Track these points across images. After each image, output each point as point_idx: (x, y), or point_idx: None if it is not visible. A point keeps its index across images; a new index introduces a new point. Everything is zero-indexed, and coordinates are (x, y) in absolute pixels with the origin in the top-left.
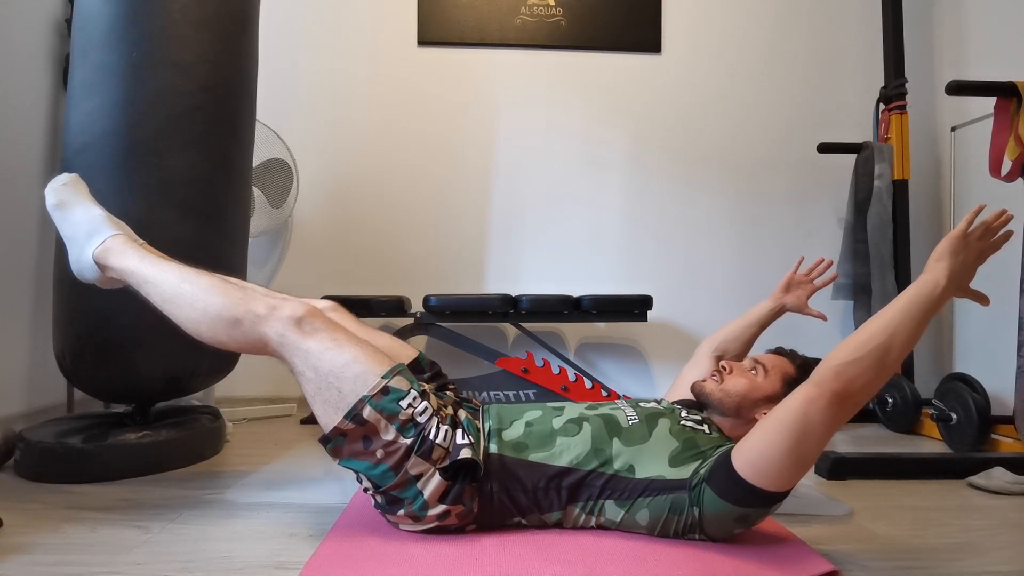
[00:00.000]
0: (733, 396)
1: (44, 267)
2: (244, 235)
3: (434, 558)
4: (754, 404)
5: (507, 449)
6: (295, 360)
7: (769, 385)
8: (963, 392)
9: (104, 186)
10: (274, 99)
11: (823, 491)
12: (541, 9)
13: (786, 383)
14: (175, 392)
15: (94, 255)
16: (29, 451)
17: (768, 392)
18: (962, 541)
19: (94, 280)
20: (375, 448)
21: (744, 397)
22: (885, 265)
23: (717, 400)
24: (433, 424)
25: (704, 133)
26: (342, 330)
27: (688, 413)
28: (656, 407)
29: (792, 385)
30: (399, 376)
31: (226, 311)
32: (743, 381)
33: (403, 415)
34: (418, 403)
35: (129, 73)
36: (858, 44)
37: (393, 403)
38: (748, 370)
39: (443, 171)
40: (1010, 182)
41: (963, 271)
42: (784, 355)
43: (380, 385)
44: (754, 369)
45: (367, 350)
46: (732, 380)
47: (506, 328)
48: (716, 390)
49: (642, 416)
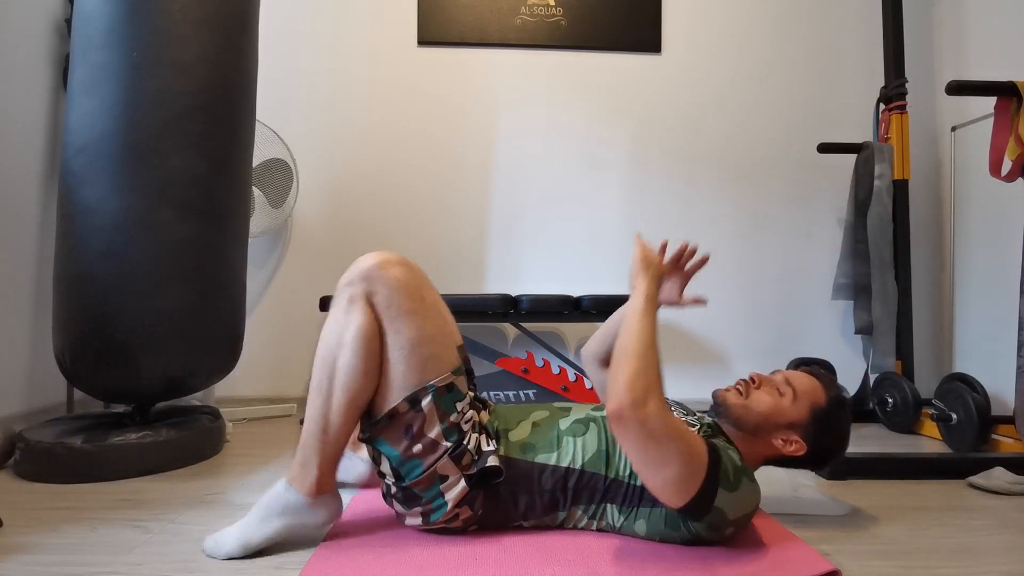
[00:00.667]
0: (754, 414)
1: (44, 267)
2: (244, 235)
3: (434, 558)
4: (774, 427)
5: (514, 450)
6: (386, 311)
7: (795, 412)
8: (963, 392)
9: (104, 186)
10: (274, 99)
11: (823, 491)
12: (541, 9)
13: (813, 413)
14: (175, 392)
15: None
16: (29, 451)
17: (792, 419)
18: (962, 541)
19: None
20: (414, 442)
21: (765, 418)
22: (885, 265)
23: (736, 415)
24: (470, 432)
25: (704, 133)
26: (426, 280)
27: (683, 411)
28: None
29: (820, 418)
30: (463, 377)
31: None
32: (768, 401)
33: (453, 417)
34: (467, 410)
35: (129, 73)
36: (858, 44)
37: (451, 403)
38: (777, 389)
39: (443, 171)
40: (1010, 182)
41: (656, 286)
42: (821, 381)
43: (448, 380)
44: (783, 390)
45: (444, 328)
46: (757, 397)
47: (506, 328)
48: (738, 404)
49: None
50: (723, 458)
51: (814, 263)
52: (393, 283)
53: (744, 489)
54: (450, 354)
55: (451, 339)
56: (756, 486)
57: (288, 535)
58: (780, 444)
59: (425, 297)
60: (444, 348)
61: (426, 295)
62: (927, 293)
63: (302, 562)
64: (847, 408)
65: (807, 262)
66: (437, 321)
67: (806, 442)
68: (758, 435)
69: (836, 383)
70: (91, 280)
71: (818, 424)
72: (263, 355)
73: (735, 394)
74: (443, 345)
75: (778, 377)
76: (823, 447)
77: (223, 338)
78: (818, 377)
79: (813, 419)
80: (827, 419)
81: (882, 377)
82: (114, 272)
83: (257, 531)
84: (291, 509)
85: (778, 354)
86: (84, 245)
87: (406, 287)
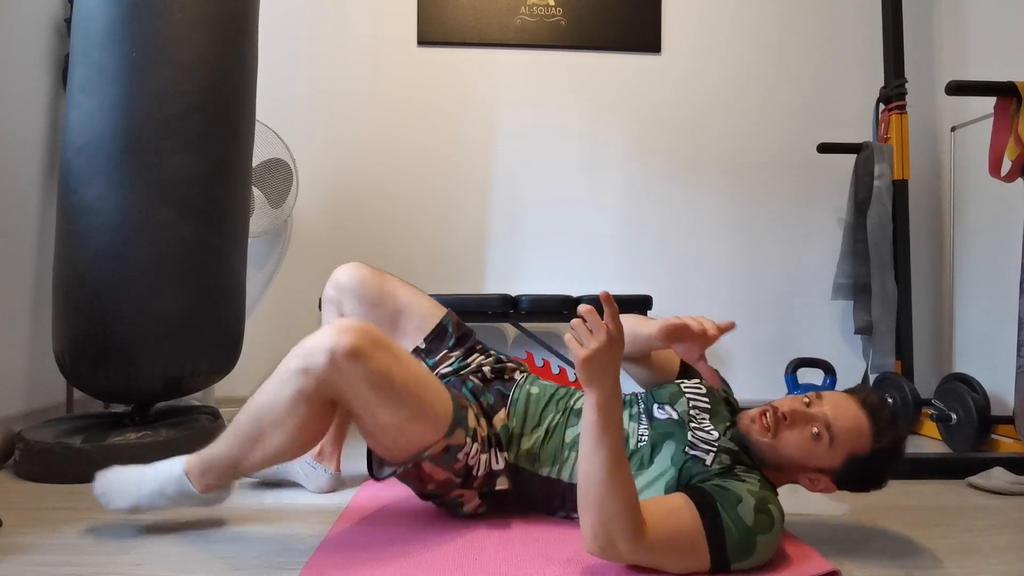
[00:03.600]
0: (782, 456)
1: (44, 267)
2: (244, 235)
3: (434, 558)
4: (802, 470)
5: (523, 460)
6: (353, 402)
7: (829, 459)
8: (963, 392)
9: (103, 186)
10: (274, 99)
11: None
12: (541, 9)
13: (850, 462)
14: (175, 392)
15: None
16: (29, 451)
17: (825, 465)
18: (962, 541)
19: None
20: (427, 484)
21: (793, 462)
22: (885, 265)
23: (760, 452)
24: (479, 458)
25: (704, 133)
26: (394, 359)
27: (704, 432)
28: (670, 421)
29: (856, 466)
30: (458, 430)
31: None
32: (800, 445)
33: (458, 464)
34: (472, 448)
35: (129, 73)
36: (858, 44)
37: (452, 458)
38: (812, 429)
39: (443, 171)
40: (1010, 182)
41: (614, 382)
42: (873, 423)
43: (441, 446)
44: (818, 434)
45: (426, 396)
46: (786, 440)
47: (506, 328)
48: (763, 443)
49: (651, 436)
50: (727, 532)
51: (814, 263)
52: (361, 381)
53: (760, 550)
54: (440, 414)
55: (436, 394)
56: (776, 527)
57: (176, 508)
58: (807, 483)
59: (395, 379)
60: (432, 413)
61: (397, 371)
62: (927, 293)
63: (302, 562)
64: (896, 454)
65: (807, 262)
66: (417, 391)
67: (836, 485)
68: (782, 470)
69: (895, 422)
70: (91, 280)
71: (852, 472)
72: (263, 355)
73: (761, 429)
74: (429, 411)
75: (817, 413)
76: (858, 488)
77: (223, 338)
78: (872, 416)
79: (848, 467)
80: (864, 469)
81: (882, 377)
82: (114, 272)
83: (147, 501)
84: (184, 496)
85: (778, 354)
86: (84, 245)
87: (376, 375)
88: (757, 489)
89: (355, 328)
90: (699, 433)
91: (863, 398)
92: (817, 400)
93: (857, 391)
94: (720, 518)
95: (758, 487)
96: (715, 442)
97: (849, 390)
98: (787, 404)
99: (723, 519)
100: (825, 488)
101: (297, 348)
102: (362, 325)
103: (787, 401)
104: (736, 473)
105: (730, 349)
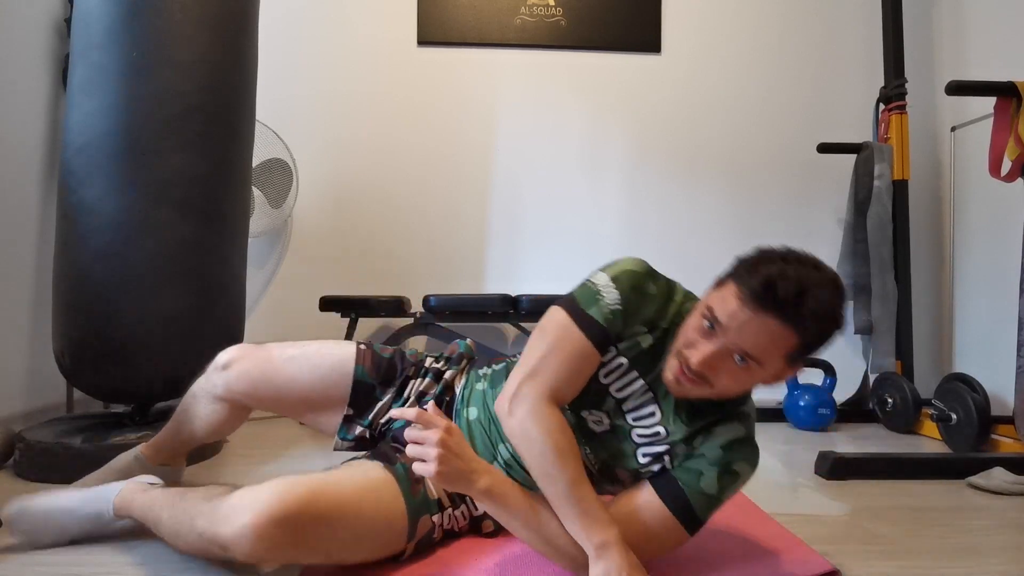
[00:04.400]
0: (729, 394)
1: (44, 267)
2: (244, 235)
3: (435, 560)
4: (754, 387)
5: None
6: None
7: (771, 370)
8: (963, 392)
9: (103, 186)
10: (274, 99)
11: (823, 491)
12: (541, 9)
13: (790, 359)
14: (175, 392)
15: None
16: (29, 451)
17: (769, 377)
18: (962, 541)
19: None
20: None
21: (743, 390)
22: (885, 265)
23: (709, 400)
24: (454, 517)
25: (704, 133)
26: (327, 527)
27: (646, 429)
28: (607, 436)
29: (800, 355)
30: (422, 519)
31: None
32: (737, 380)
33: (437, 535)
34: (443, 517)
35: (129, 73)
36: (858, 44)
37: (428, 541)
38: (736, 361)
39: (443, 171)
40: (1010, 182)
41: (471, 470)
42: (779, 319)
43: (411, 548)
44: (743, 359)
45: (374, 528)
46: (720, 383)
47: (506, 328)
48: (704, 395)
49: (600, 461)
50: (696, 506)
51: None
52: (297, 557)
53: (734, 492)
54: (396, 530)
55: (383, 515)
56: (745, 474)
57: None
58: (773, 382)
59: (335, 535)
60: (386, 537)
61: (332, 541)
62: (927, 293)
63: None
64: (830, 325)
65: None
66: (362, 535)
67: (794, 369)
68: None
69: (804, 303)
70: (91, 280)
71: (799, 360)
72: None
73: (693, 386)
74: (385, 536)
75: (728, 345)
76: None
77: (223, 338)
78: (780, 316)
79: (792, 361)
80: (808, 351)
81: (882, 377)
82: (114, 272)
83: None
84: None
85: None
86: (84, 245)
87: (312, 554)
88: (720, 454)
89: (275, 519)
90: (643, 432)
91: (759, 294)
92: (719, 326)
93: (746, 283)
94: (684, 497)
95: (718, 451)
96: (664, 439)
97: (738, 282)
98: (692, 353)
99: (687, 498)
100: (788, 374)
101: (205, 522)
102: (282, 503)
103: (686, 343)
104: (695, 448)
105: None
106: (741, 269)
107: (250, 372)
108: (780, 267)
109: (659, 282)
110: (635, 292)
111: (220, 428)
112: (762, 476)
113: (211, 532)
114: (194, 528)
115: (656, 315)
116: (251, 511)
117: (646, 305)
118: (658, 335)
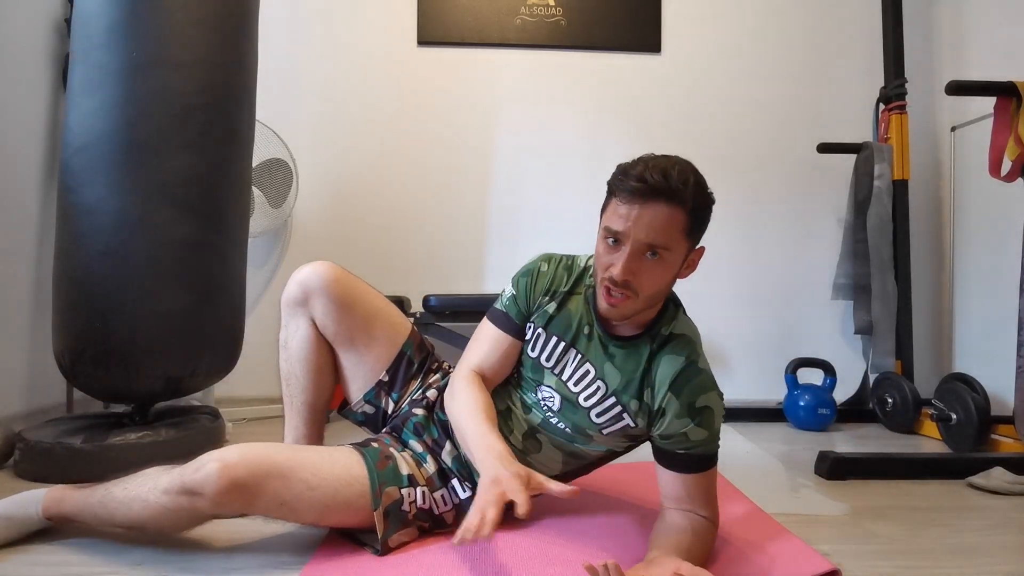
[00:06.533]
0: (659, 296)
1: (44, 267)
2: (244, 235)
3: (434, 558)
4: (677, 277)
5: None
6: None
7: (681, 256)
8: (963, 392)
9: (103, 186)
10: (274, 99)
11: (823, 491)
12: (541, 9)
13: (688, 234)
14: (175, 392)
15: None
16: (29, 451)
17: (681, 258)
18: (962, 541)
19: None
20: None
21: (668, 287)
22: (885, 265)
23: (645, 312)
24: (433, 498)
25: (704, 133)
26: (282, 479)
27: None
28: (564, 427)
29: (698, 228)
30: (388, 489)
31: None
32: (659, 277)
33: (410, 515)
34: (415, 494)
35: (129, 73)
36: (858, 44)
37: (398, 516)
38: (648, 259)
39: (443, 171)
40: (1010, 182)
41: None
42: (667, 201)
43: (380, 517)
44: (654, 253)
45: (328, 489)
46: (648, 284)
47: None
48: (637, 308)
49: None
50: (708, 454)
51: (814, 263)
52: (256, 507)
53: (720, 416)
54: (356, 493)
55: (340, 479)
56: (719, 409)
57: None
58: (689, 270)
59: (291, 485)
60: (343, 501)
61: (288, 492)
62: (927, 293)
63: (303, 562)
64: (705, 197)
65: (807, 262)
66: (318, 495)
67: (699, 252)
68: (664, 296)
69: (673, 176)
70: (91, 280)
71: (699, 232)
72: (263, 355)
73: (626, 304)
74: (341, 500)
75: (637, 244)
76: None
77: (223, 338)
78: (665, 197)
79: (692, 238)
80: (700, 219)
81: (882, 377)
82: (114, 272)
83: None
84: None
85: (778, 354)
86: (84, 245)
87: (269, 505)
88: (677, 403)
89: (239, 463)
90: (587, 395)
91: (638, 189)
92: (620, 235)
93: (624, 187)
94: (690, 456)
95: (674, 401)
96: (608, 393)
97: (617, 192)
98: (612, 269)
99: (693, 455)
100: (697, 256)
101: (174, 478)
102: (243, 456)
103: (603, 267)
104: (649, 405)
105: (730, 349)
106: (614, 183)
107: (334, 272)
108: (643, 164)
109: (554, 259)
110: (525, 276)
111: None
112: (762, 476)
113: (179, 482)
114: (158, 486)
115: (552, 284)
116: (219, 460)
117: (539, 280)
118: (560, 298)
